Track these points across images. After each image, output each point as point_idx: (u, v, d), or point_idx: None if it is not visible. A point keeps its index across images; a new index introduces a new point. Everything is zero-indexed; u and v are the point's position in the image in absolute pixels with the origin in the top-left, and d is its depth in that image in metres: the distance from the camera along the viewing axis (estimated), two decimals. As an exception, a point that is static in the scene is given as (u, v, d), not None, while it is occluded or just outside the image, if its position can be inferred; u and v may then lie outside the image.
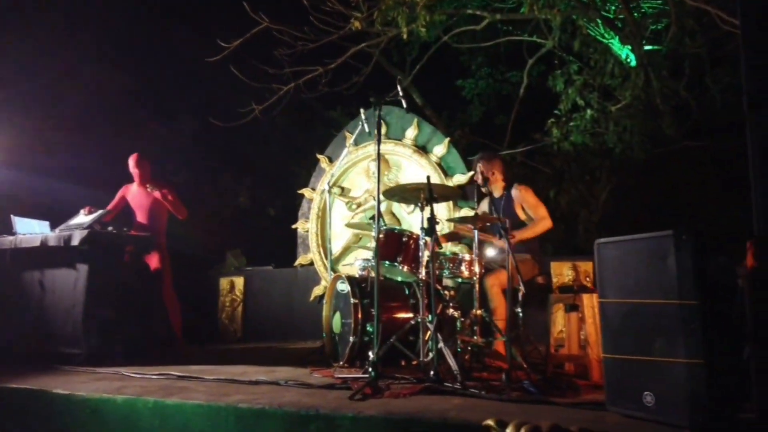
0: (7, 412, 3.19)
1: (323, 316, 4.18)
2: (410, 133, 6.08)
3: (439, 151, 5.96)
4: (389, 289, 4.01)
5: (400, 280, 4.04)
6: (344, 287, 3.97)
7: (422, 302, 3.48)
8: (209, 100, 8.68)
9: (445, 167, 5.92)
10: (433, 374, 2.99)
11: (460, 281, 3.96)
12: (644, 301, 2.26)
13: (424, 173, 4.64)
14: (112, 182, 5.53)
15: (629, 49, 7.53)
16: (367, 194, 6.24)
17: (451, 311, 3.75)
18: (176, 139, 8.70)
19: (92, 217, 4.65)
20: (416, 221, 3.50)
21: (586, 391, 2.91)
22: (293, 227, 6.69)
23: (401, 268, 3.68)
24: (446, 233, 4.40)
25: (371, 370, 3.01)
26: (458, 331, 3.62)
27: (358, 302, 3.80)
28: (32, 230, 4.68)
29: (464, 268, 3.70)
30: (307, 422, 2.45)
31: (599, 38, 7.75)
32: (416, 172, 5.98)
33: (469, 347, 3.54)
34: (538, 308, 3.83)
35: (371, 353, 3.17)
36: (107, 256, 4.45)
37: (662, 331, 2.19)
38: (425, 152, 6.01)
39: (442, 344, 3.15)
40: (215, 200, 8.84)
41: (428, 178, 3.45)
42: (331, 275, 4.44)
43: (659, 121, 7.11)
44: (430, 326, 3.24)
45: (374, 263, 3.40)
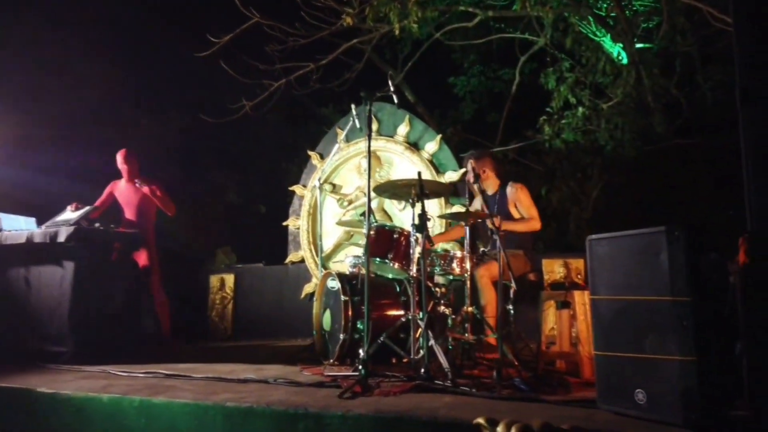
0: (-10, 411, 3.13)
1: (314, 313, 4.15)
2: (402, 129, 6.04)
3: (430, 148, 5.94)
4: (380, 286, 3.99)
5: (390, 277, 4.02)
6: (335, 284, 3.94)
7: (413, 299, 3.46)
8: (199, 95, 8.59)
9: (437, 164, 5.90)
10: (423, 372, 2.97)
11: (451, 278, 3.94)
12: (636, 297, 2.25)
13: (415, 170, 4.61)
14: (99, 178, 5.47)
15: (621, 46, 7.55)
16: (358, 191, 6.20)
17: (442, 308, 3.73)
18: (165, 134, 8.60)
19: (79, 213, 4.58)
20: (408, 218, 3.47)
21: (577, 388, 2.90)
22: (284, 224, 6.64)
23: (392, 265, 3.66)
24: (438, 234, 4.38)
25: (361, 368, 2.98)
26: (449, 328, 3.61)
27: (348, 299, 3.77)
28: (18, 227, 4.62)
29: (455, 265, 3.69)
30: (295, 421, 2.42)
31: (591, 36, 7.75)
32: (408, 168, 5.94)
33: (460, 345, 3.53)
34: (529, 305, 3.83)
35: (361, 351, 3.14)
36: (94, 252, 4.38)
37: (654, 328, 2.17)
38: (417, 149, 5.98)
39: (432, 342, 3.13)
40: (205, 197, 8.76)
41: (419, 174, 3.43)
42: (321, 272, 4.41)
43: (650, 118, 7.12)
44: (420, 323, 3.22)
45: (365, 260, 3.37)
